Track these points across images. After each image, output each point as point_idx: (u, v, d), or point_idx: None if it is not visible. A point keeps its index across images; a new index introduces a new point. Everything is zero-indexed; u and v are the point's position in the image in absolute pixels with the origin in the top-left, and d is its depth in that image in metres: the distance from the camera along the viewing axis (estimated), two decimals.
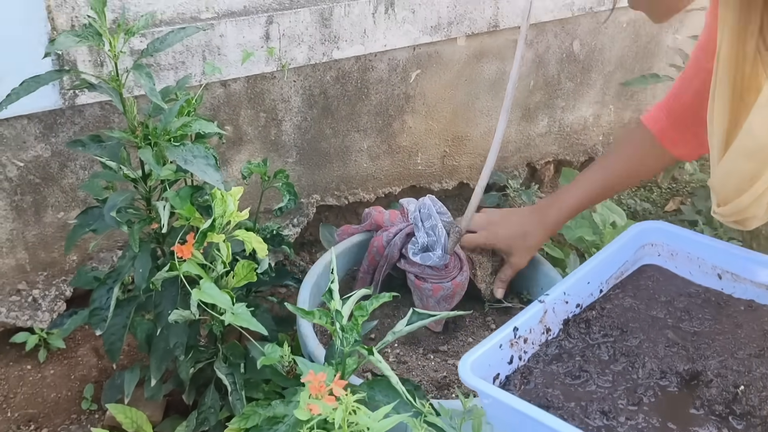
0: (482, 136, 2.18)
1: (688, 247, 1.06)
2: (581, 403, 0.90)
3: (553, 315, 1.03)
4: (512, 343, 0.98)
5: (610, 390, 0.92)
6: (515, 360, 1.00)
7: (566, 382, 0.95)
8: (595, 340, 1.01)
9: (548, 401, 0.92)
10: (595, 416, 0.89)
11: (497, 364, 0.98)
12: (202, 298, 1.03)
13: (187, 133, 1.08)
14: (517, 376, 0.98)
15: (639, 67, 2.38)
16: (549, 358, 1.00)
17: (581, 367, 0.96)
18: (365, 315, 0.96)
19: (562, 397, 0.92)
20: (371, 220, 1.47)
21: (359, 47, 1.77)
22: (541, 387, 0.95)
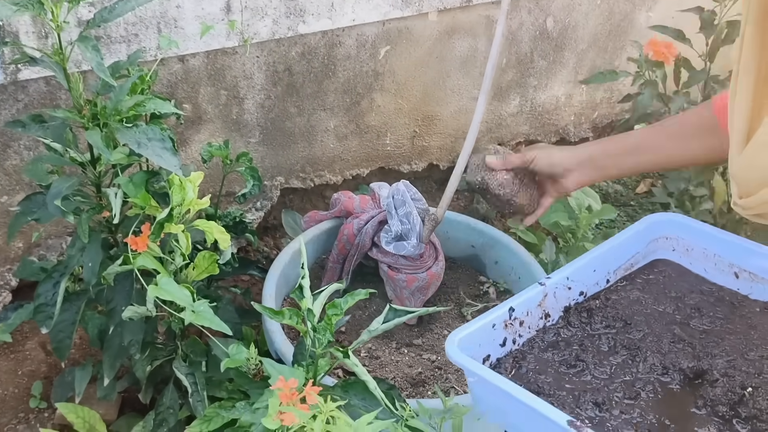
0: (453, 116, 2.11)
1: (704, 242, 0.99)
2: (574, 393, 0.84)
3: (553, 300, 0.96)
4: (507, 324, 0.92)
5: (606, 382, 0.87)
6: (508, 343, 0.93)
7: (560, 371, 0.89)
8: (596, 330, 0.94)
9: (539, 387, 0.86)
10: (587, 407, 0.83)
11: (489, 345, 0.91)
12: (159, 295, 0.94)
13: (141, 113, 0.98)
14: (509, 360, 0.92)
15: (612, 45, 2.33)
16: (545, 344, 0.93)
17: (578, 357, 0.90)
18: (339, 314, 0.88)
19: (554, 385, 0.86)
20: (340, 206, 1.39)
21: (326, 21, 1.68)
22: (533, 373, 0.89)
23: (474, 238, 1.47)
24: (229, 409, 1.03)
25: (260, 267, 1.40)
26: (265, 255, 1.92)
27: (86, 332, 1.24)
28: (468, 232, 1.47)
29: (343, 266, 1.35)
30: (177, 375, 1.14)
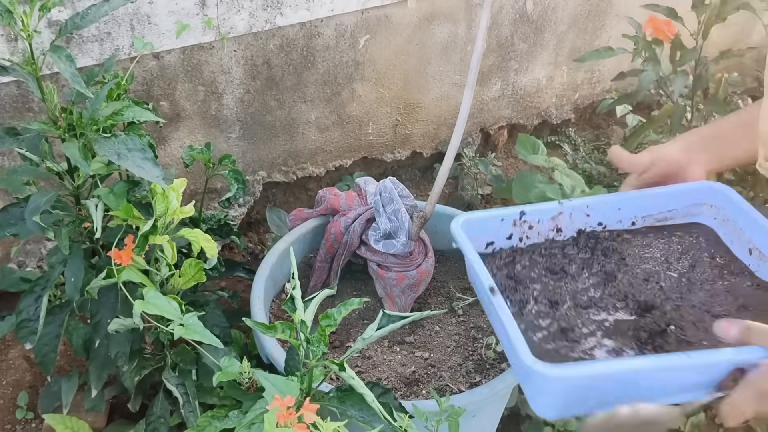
0: (435, 103, 2.09)
1: (738, 216, 0.99)
2: (542, 290, 0.91)
3: (569, 220, 0.99)
4: (515, 222, 0.97)
5: (573, 292, 0.91)
6: (515, 239, 0.97)
7: (543, 273, 0.95)
8: (595, 255, 0.97)
9: (517, 277, 0.93)
10: (545, 302, 0.89)
11: (495, 233, 0.97)
12: (146, 309, 0.92)
13: (119, 122, 0.95)
14: (508, 252, 0.97)
15: (592, 26, 2.31)
16: (545, 252, 0.98)
17: (563, 268, 0.95)
18: (333, 325, 0.86)
19: (532, 280, 0.93)
20: (326, 204, 1.36)
21: (304, 13, 1.64)
22: (520, 267, 0.95)
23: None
24: (221, 418, 1.01)
25: (247, 268, 1.37)
26: (249, 251, 1.90)
27: (71, 343, 1.21)
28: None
29: (331, 265, 1.33)
30: (167, 386, 1.11)
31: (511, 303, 0.89)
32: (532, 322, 0.86)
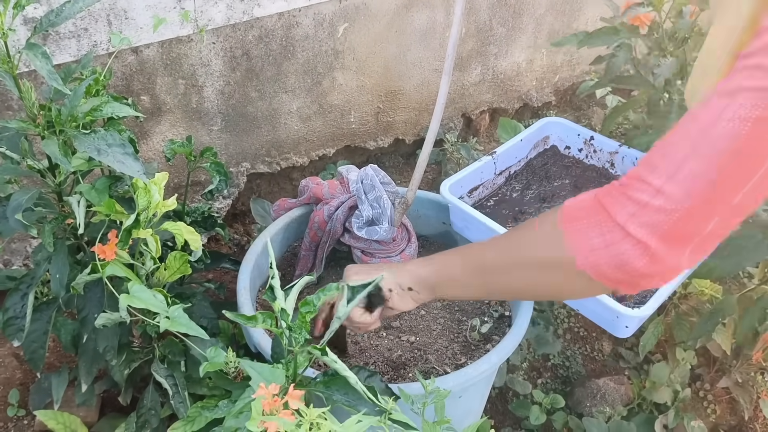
0: (416, 89, 2.10)
1: (570, 131, 1.54)
2: None
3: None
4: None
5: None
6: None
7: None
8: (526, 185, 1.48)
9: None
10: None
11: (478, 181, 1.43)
12: (131, 303, 0.93)
13: (98, 117, 0.96)
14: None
15: (569, 8, 2.33)
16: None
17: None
18: (313, 311, 0.87)
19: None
20: (309, 193, 1.37)
21: (282, 3, 1.64)
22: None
23: (445, 216, 1.47)
24: (211, 408, 1.03)
25: (232, 259, 1.38)
26: (235, 242, 1.90)
27: (59, 339, 1.22)
28: (438, 210, 1.46)
29: (315, 253, 1.35)
30: (156, 378, 1.13)
31: None
32: None
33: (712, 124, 0.68)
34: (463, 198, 1.39)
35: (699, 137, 0.69)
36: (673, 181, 0.70)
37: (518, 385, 1.58)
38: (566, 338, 1.82)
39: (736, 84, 0.68)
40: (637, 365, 1.76)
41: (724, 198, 0.69)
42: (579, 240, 0.77)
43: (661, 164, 0.71)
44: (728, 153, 0.67)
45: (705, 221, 0.70)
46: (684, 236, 0.71)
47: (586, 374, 1.75)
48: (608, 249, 0.74)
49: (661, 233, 0.71)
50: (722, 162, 0.67)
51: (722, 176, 0.68)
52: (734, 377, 1.71)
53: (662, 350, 1.79)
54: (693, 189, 0.69)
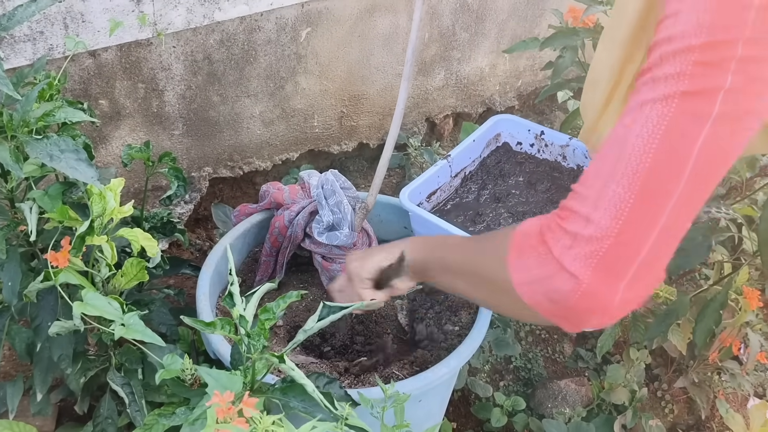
0: (379, 93, 2.10)
1: (521, 127, 1.54)
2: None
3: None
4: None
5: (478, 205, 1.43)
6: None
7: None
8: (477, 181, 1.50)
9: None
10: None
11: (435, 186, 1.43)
12: (85, 311, 0.91)
13: (51, 123, 0.94)
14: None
15: (531, 14, 2.36)
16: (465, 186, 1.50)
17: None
18: (272, 318, 0.87)
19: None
20: (270, 198, 1.37)
21: (243, 7, 1.63)
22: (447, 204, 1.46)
23: (406, 220, 1.47)
24: (168, 416, 1.02)
25: (193, 265, 1.37)
26: (198, 247, 1.89)
27: (14, 347, 1.20)
28: (400, 214, 1.47)
29: (276, 259, 1.34)
30: (112, 386, 1.11)
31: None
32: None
33: (623, 143, 0.68)
34: (422, 203, 1.40)
35: (615, 158, 0.68)
36: (598, 208, 0.69)
37: (479, 387, 1.60)
38: (528, 341, 1.84)
39: (640, 98, 0.68)
40: (596, 366, 1.79)
41: (650, 218, 0.67)
42: (518, 269, 0.76)
43: (586, 192, 0.71)
44: (643, 171, 0.66)
45: (637, 247, 0.68)
46: (617, 266, 0.69)
47: (547, 376, 1.77)
48: (544, 282, 0.72)
49: (594, 265, 0.69)
50: (639, 181, 0.66)
51: (642, 196, 0.67)
52: (691, 377, 1.75)
53: (621, 351, 1.82)
54: (618, 213, 0.67)
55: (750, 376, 1.79)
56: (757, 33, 0.63)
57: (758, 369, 1.86)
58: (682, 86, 0.65)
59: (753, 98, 0.65)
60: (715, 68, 0.64)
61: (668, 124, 0.66)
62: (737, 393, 1.84)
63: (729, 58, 0.64)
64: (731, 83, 0.64)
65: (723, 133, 0.65)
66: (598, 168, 0.71)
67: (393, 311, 1.35)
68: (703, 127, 0.65)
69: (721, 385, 1.77)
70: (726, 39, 0.64)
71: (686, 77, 0.65)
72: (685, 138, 0.65)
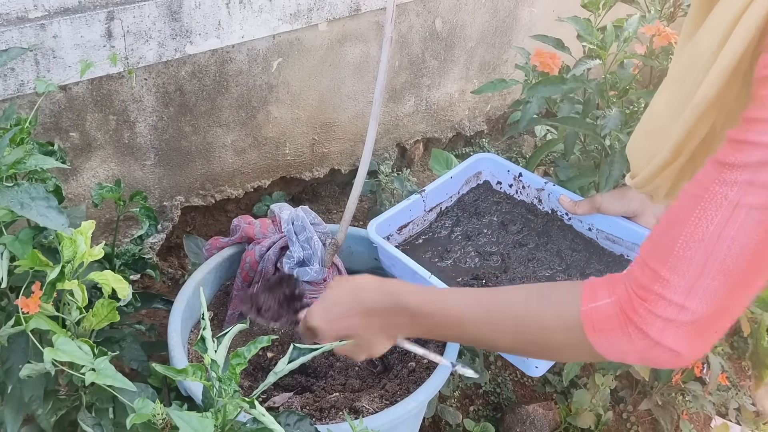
0: (351, 121, 2.13)
1: (501, 167, 1.58)
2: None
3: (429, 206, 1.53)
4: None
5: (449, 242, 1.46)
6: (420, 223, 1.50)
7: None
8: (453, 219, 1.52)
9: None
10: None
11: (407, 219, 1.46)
12: (55, 357, 0.92)
13: (22, 171, 0.95)
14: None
15: (499, 41, 2.41)
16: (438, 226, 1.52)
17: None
18: (243, 363, 0.89)
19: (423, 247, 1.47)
20: (241, 233, 1.39)
21: (214, 41, 1.65)
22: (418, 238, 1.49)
23: (376, 252, 1.50)
24: None
25: (164, 299, 1.38)
26: (170, 276, 1.90)
27: None
28: (370, 246, 1.49)
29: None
30: (83, 427, 1.12)
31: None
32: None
33: (716, 242, 0.72)
34: (392, 236, 1.43)
35: (706, 254, 0.72)
36: (692, 297, 0.74)
37: (449, 415, 1.62)
38: (497, 365, 1.87)
39: (734, 197, 0.70)
40: (563, 390, 1.83)
41: (738, 302, 0.75)
42: (609, 348, 0.81)
43: (674, 280, 0.75)
44: (740, 271, 0.71)
45: (727, 319, 0.76)
46: (709, 337, 0.77)
47: (516, 400, 1.81)
48: (639, 354, 0.79)
49: (690, 341, 0.76)
50: (734, 278, 0.72)
51: (737, 288, 0.73)
52: (655, 399, 1.80)
53: (588, 374, 1.86)
54: (712, 302, 0.73)
55: (712, 396, 1.84)
56: None
57: (720, 389, 1.92)
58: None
59: None
60: None
61: (764, 233, 0.69)
62: (700, 413, 1.89)
63: None
64: None
65: None
66: (682, 255, 0.74)
67: None
68: None
69: (684, 405, 1.82)
70: None
71: None
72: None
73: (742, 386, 2.00)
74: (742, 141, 0.69)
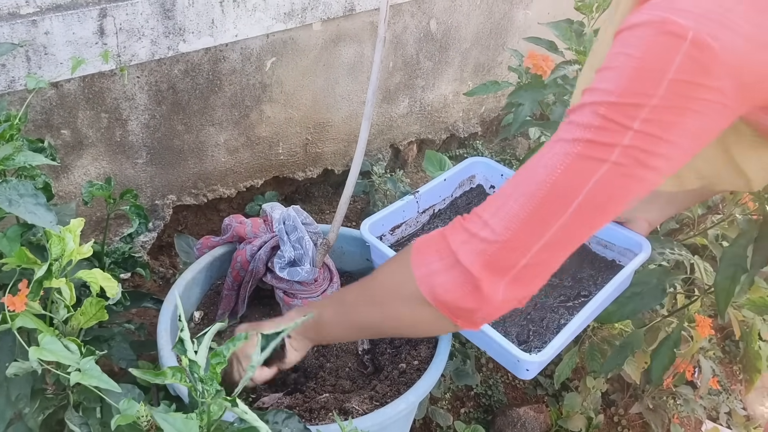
0: (344, 121, 2.13)
1: (494, 171, 1.57)
2: None
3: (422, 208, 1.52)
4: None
5: None
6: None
7: None
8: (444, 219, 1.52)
9: None
10: None
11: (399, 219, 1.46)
12: (41, 356, 0.91)
13: (10, 167, 0.95)
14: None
15: (494, 43, 2.41)
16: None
17: None
18: (223, 362, 0.89)
19: None
20: (232, 232, 1.38)
21: (208, 39, 1.65)
22: None
23: (368, 252, 1.50)
24: None
25: (154, 298, 1.38)
26: (161, 275, 1.89)
27: None
28: (362, 247, 1.49)
29: (238, 293, 1.35)
30: (70, 426, 1.11)
31: None
32: None
33: (531, 169, 0.80)
34: (385, 236, 1.42)
35: (521, 180, 0.81)
36: (496, 216, 0.81)
37: (440, 417, 1.62)
38: (489, 367, 1.87)
39: (557, 135, 0.79)
40: (554, 393, 1.83)
41: (534, 234, 0.79)
42: (420, 265, 0.87)
43: (492, 202, 0.83)
44: (538, 196, 0.78)
45: (519, 254, 0.80)
46: (502, 267, 0.81)
47: (507, 402, 1.80)
48: (443, 273, 0.84)
49: (482, 261, 0.81)
50: (532, 203, 0.78)
51: (532, 215, 0.79)
52: (646, 402, 1.79)
53: (580, 377, 1.86)
54: (509, 225, 0.80)
55: (703, 400, 1.84)
56: (664, 102, 0.72)
57: (711, 393, 1.92)
58: (589, 134, 0.76)
59: (649, 156, 0.75)
60: (619, 125, 0.74)
61: (569, 162, 0.77)
62: (691, 417, 1.89)
63: (633, 118, 0.73)
64: (630, 141, 0.74)
65: (613, 180, 0.76)
66: (508, 183, 0.83)
67: (353, 345, 1.37)
68: (596, 171, 0.76)
69: (675, 409, 1.82)
70: (634, 102, 0.73)
71: (593, 128, 0.75)
72: (579, 176, 0.77)
73: (733, 390, 2.00)
74: (584, 89, 0.78)
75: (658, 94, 0.72)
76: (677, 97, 0.72)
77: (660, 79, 0.72)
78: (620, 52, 0.76)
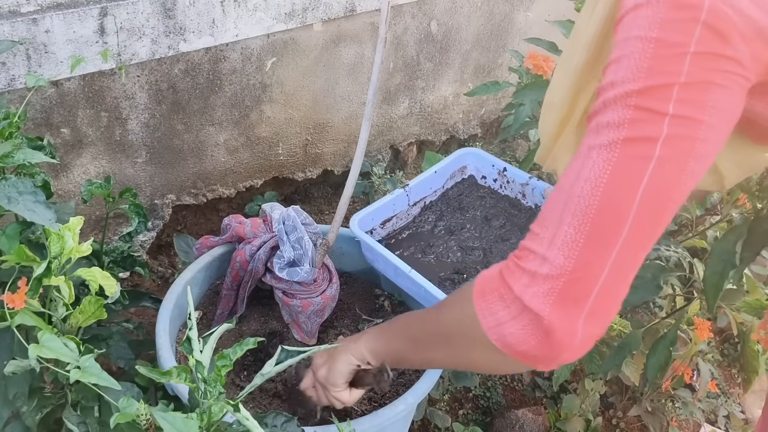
0: (344, 122, 2.13)
1: (486, 162, 1.57)
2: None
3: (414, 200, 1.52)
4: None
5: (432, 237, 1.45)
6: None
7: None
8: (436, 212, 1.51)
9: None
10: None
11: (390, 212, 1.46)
12: (40, 353, 0.91)
13: (9, 165, 0.94)
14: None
15: (494, 45, 2.41)
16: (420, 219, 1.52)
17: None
18: (229, 365, 0.88)
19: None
20: (232, 232, 1.38)
21: (208, 39, 1.65)
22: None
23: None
24: None
25: (153, 298, 1.37)
26: (160, 275, 1.88)
27: None
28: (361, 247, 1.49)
29: (237, 293, 1.35)
30: (68, 425, 1.11)
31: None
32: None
33: (572, 186, 0.71)
34: (375, 230, 1.42)
35: (565, 200, 0.72)
36: (552, 247, 0.72)
37: (438, 418, 1.62)
38: None
39: (588, 143, 0.71)
40: (553, 395, 1.83)
41: (600, 257, 0.70)
42: (487, 314, 0.77)
43: (541, 232, 0.74)
44: (591, 214, 0.70)
45: (590, 283, 0.71)
46: (574, 302, 0.71)
47: (506, 404, 1.80)
48: (512, 323, 0.74)
49: (552, 301, 0.71)
50: (587, 223, 0.70)
51: (591, 237, 0.70)
52: (645, 405, 1.79)
53: (578, 379, 1.86)
54: (570, 253, 0.70)
55: (702, 403, 1.84)
56: (690, 78, 0.66)
57: (710, 397, 1.92)
58: (624, 132, 0.68)
59: (692, 144, 0.68)
60: (653, 113, 0.67)
61: (612, 169, 0.69)
62: (689, 420, 1.89)
63: (665, 100, 0.66)
64: (669, 129, 0.67)
65: (664, 177, 0.68)
66: (552, 208, 0.74)
67: None
68: (644, 171, 0.68)
69: (674, 412, 1.82)
70: (662, 83, 0.67)
71: (627, 123, 0.68)
72: (628, 181, 0.68)
73: (731, 394, 2.00)
74: (597, 91, 0.71)
75: (683, 71, 0.66)
76: (703, 71, 0.66)
77: (683, 53, 0.66)
78: (630, 37, 0.69)
